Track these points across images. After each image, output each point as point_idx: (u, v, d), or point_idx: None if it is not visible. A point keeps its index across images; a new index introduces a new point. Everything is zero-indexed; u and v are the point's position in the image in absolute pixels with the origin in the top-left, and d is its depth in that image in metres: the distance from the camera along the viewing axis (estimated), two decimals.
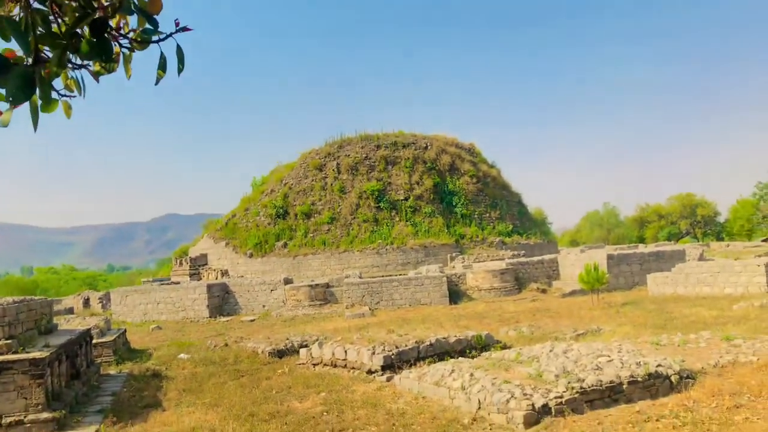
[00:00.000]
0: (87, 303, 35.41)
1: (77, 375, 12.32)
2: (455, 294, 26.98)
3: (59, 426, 9.62)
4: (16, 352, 10.03)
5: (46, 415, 9.59)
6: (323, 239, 36.09)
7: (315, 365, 13.32)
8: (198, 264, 38.05)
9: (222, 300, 28.87)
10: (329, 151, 41.48)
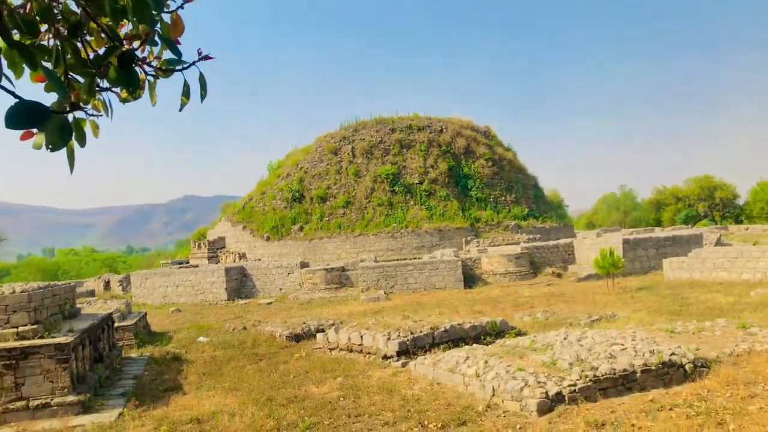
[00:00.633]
0: (108, 285, 36.08)
1: (100, 358, 12.66)
2: (470, 278, 27.04)
3: (84, 409, 9.92)
4: (42, 336, 10.33)
5: (71, 398, 9.90)
6: (338, 223, 36.28)
7: (331, 350, 13.53)
8: (216, 247, 38.52)
9: (240, 283, 29.27)
10: (344, 135, 41.48)
